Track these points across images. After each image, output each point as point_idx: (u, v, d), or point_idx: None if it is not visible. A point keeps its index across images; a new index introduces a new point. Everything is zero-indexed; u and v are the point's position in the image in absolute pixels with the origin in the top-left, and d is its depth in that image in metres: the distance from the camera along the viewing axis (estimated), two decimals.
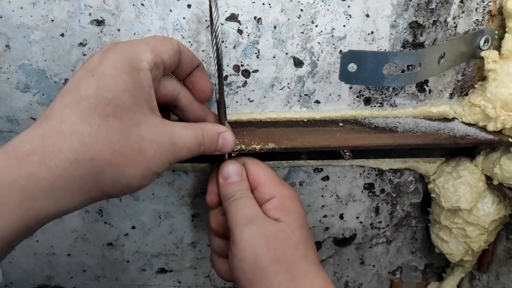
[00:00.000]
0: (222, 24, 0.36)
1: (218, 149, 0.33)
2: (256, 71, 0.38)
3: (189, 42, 0.36)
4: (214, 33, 0.30)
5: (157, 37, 0.30)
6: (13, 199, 0.23)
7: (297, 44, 0.37)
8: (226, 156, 0.36)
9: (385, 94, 0.41)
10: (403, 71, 0.39)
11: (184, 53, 0.31)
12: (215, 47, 0.31)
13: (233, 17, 0.36)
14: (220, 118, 0.34)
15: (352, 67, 0.34)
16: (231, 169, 0.35)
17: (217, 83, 0.33)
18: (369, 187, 0.47)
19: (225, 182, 0.34)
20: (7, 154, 0.24)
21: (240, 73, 0.38)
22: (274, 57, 0.38)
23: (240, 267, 0.31)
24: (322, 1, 0.36)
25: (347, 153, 0.38)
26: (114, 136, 0.26)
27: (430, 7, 0.37)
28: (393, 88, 0.41)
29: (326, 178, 0.46)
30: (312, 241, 0.34)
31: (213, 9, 0.30)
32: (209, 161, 0.43)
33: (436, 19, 0.38)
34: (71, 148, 0.25)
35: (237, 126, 0.39)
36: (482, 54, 0.39)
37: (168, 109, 0.36)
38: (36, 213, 0.24)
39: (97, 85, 0.26)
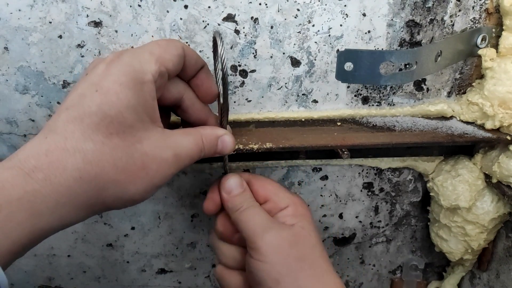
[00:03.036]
0: (219, 24, 0.36)
1: (217, 152, 0.33)
2: (253, 71, 0.38)
3: (186, 42, 0.36)
4: (220, 64, 0.30)
5: (161, 43, 0.29)
6: (21, 215, 0.23)
7: (294, 44, 0.38)
8: (226, 157, 0.36)
9: (383, 93, 0.41)
10: (400, 70, 0.39)
11: (188, 56, 0.31)
12: (220, 73, 0.31)
13: (230, 18, 0.36)
14: (222, 120, 0.34)
15: (349, 66, 0.34)
16: (232, 182, 0.35)
17: (220, 88, 0.32)
18: (368, 186, 0.47)
19: (229, 196, 0.35)
20: (13, 170, 0.24)
21: (237, 73, 0.38)
22: (271, 57, 0.38)
23: (265, 269, 0.32)
24: (319, 1, 0.36)
25: (345, 152, 0.38)
26: (117, 153, 0.26)
27: (426, 6, 0.37)
28: (391, 87, 0.41)
29: (325, 178, 0.46)
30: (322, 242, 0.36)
31: (218, 42, 0.30)
32: (208, 161, 0.43)
33: (433, 18, 0.38)
34: (75, 166, 0.25)
35: (235, 126, 0.39)
36: (480, 52, 0.39)
37: (169, 111, 0.36)
38: (42, 227, 0.24)
39: (101, 101, 0.26)
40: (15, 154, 0.25)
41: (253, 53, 0.38)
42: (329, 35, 0.38)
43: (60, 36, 0.35)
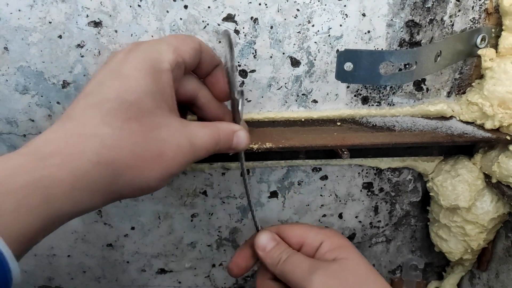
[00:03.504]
0: (219, 25, 0.36)
1: (233, 147, 0.33)
2: (253, 71, 0.38)
3: None
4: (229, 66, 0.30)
5: (179, 36, 0.30)
6: (35, 200, 0.23)
7: (294, 44, 0.38)
8: (243, 156, 0.36)
9: (383, 93, 0.41)
10: (400, 70, 0.39)
11: (205, 52, 0.31)
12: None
13: (229, 18, 0.36)
14: (235, 117, 0.34)
15: (349, 66, 0.34)
16: (264, 238, 0.36)
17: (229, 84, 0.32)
18: (368, 186, 0.47)
19: (265, 252, 0.35)
20: (30, 155, 0.24)
21: (237, 73, 0.38)
22: (271, 57, 0.38)
23: None
24: (319, 1, 0.36)
25: (345, 152, 0.38)
26: (135, 139, 0.26)
27: (426, 6, 0.37)
28: (391, 87, 0.41)
29: (324, 178, 0.46)
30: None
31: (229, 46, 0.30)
32: (208, 161, 0.43)
33: (432, 18, 0.38)
34: (93, 151, 0.25)
35: None
36: (479, 52, 0.39)
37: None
38: (56, 213, 0.24)
39: (120, 87, 0.26)
40: (33, 140, 0.25)
41: (252, 53, 0.38)
42: (329, 35, 0.38)
43: (60, 36, 0.35)
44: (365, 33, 0.38)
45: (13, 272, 0.22)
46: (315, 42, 0.38)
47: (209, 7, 0.35)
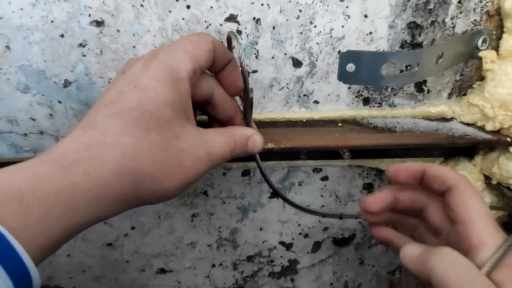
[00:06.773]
0: (221, 25, 0.36)
1: (248, 151, 0.33)
2: (255, 71, 0.38)
3: None
4: (239, 61, 0.31)
5: (193, 39, 0.29)
6: (58, 209, 0.23)
7: (296, 45, 0.38)
8: (258, 157, 0.36)
9: (384, 94, 0.41)
10: (401, 71, 0.39)
11: (218, 50, 0.31)
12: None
13: (232, 18, 0.36)
14: (247, 115, 0.34)
15: (351, 67, 0.34)
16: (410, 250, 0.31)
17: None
18: (368, 187, 0.47)
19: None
20: (52, 163, 0.24)
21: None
22: (273, 57, 0.38)
23: None
24: (321, 2, 0.36)
25: (346, 153, 0.38)
26: (155, 148, 0.27)
27: (428, 8, 0.37)
28: (392, 88, 0.41)
29: (325, 178, 0.46)
30: None
31: (234, 41, 0.31)
32: None
33: (434, 20, 0.38)
34: (114, 160, 0.25)
35: None
36: (480, 54, 0.39)
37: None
38: (78, 222, 0.24)
39: (139, 97, 0.26)
40: (54, 148, 0.25)
41: (255, 54, 0.38)
42: (331, 36, 0.38)
43: (62, 35, 0.35)
44: (367, 34, 0.38)
45: (34, 282, 0.22)
46: (317, 43, 0.38)
47: (211, 7, 0.35)
